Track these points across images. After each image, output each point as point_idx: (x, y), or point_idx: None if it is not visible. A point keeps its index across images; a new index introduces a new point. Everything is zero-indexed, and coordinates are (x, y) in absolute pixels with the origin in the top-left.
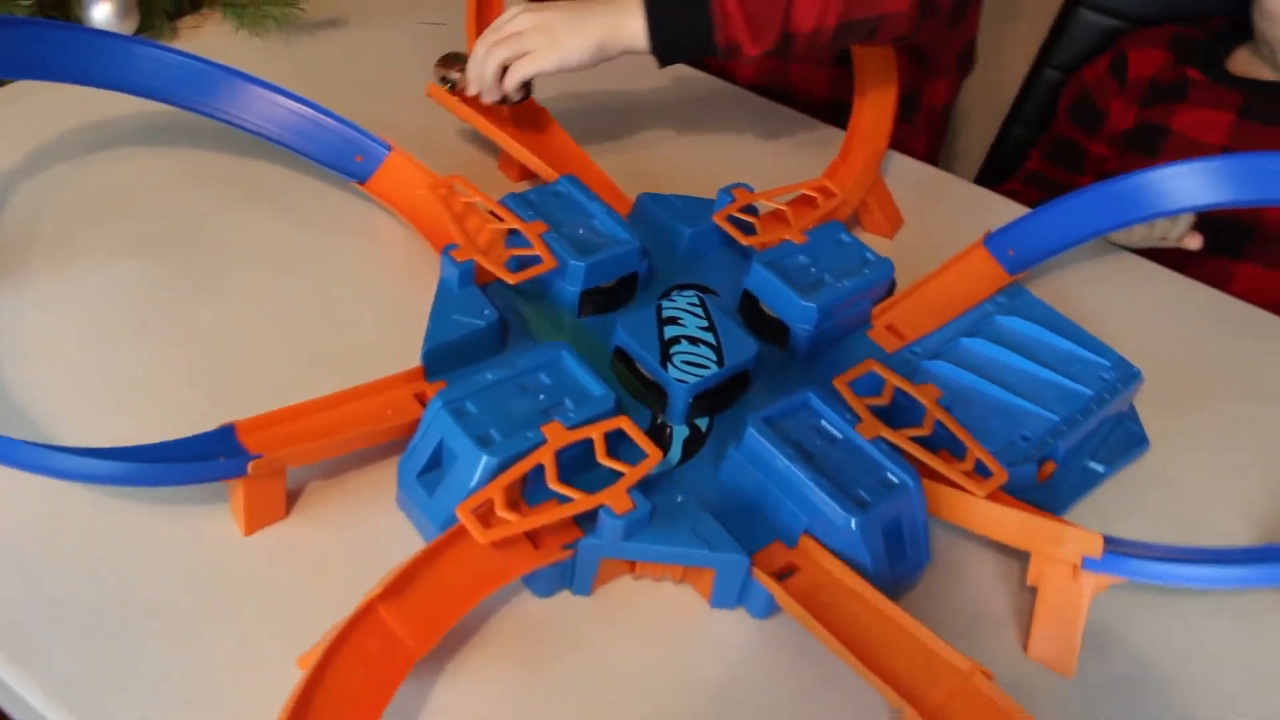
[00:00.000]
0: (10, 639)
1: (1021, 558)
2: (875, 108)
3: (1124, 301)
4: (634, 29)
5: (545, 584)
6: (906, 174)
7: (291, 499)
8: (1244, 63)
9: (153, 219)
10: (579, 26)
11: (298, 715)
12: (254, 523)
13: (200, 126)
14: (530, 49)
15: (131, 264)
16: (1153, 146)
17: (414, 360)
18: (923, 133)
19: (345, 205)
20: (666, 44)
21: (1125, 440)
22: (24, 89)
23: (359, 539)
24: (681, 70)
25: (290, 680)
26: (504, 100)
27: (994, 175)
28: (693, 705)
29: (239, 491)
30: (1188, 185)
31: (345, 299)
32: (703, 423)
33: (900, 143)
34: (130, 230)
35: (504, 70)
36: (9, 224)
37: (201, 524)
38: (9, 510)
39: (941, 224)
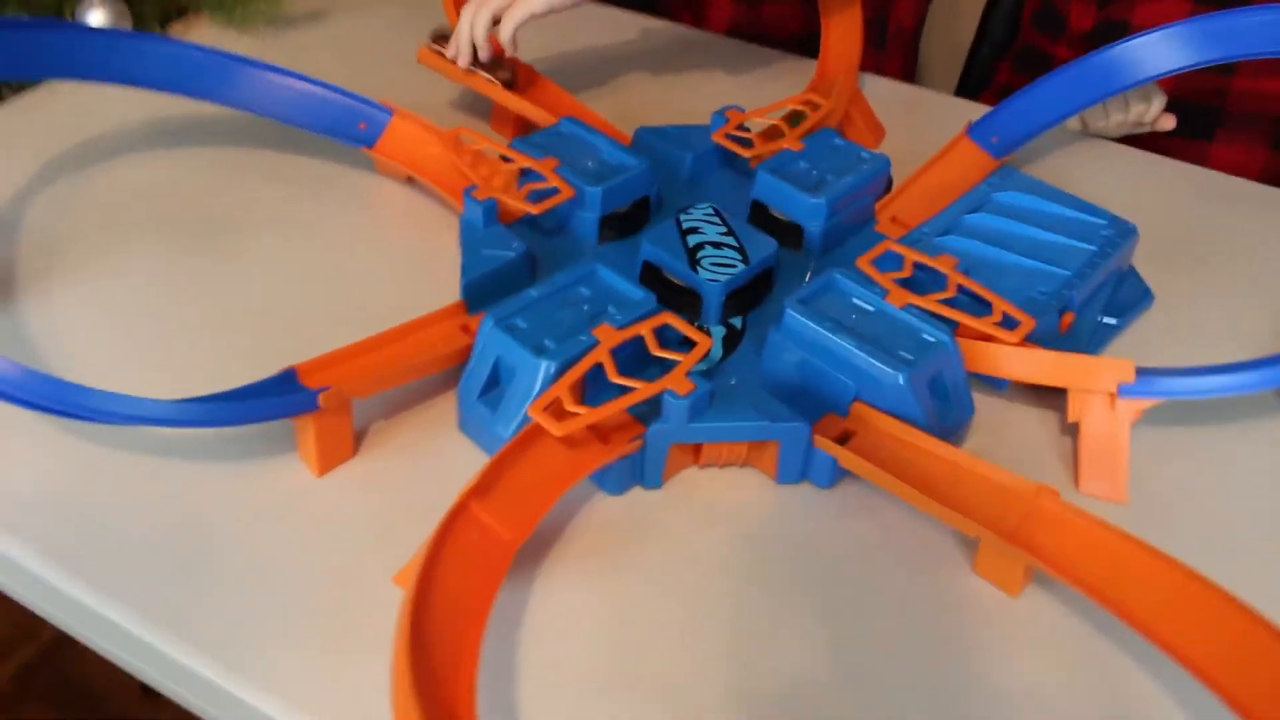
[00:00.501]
0: (106, 574)
1: (1059, 408)
2: (843, 24)
3: (1110, 181)
4: None
5: (617, 481)
6: (884, 93)
7: (356, 441)
8: None
9: (174, 206)
10: None
11: (417, 613)
12: (326, 462)
13: (206, 116)
14: None
15: (159, 249)
16: None
17: (439, 304)
18: (895, 56)
19: (352, 175)
20: None
21: (1131, 295)
22: (38, 99)
23: (428, 467)
24: (655, 22)
25: (385, 598)
26: (497, 66)
27: (967, 94)
28: (772, 577)
29: (309, 432)
30: (1153, 53)
31: (365, 255)
32: (736, 322)
33: (875, 67)
34: (153, 218)
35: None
36: (40, 223)
37: (274, 473)
38: (92, 465)
39: (922, 133)
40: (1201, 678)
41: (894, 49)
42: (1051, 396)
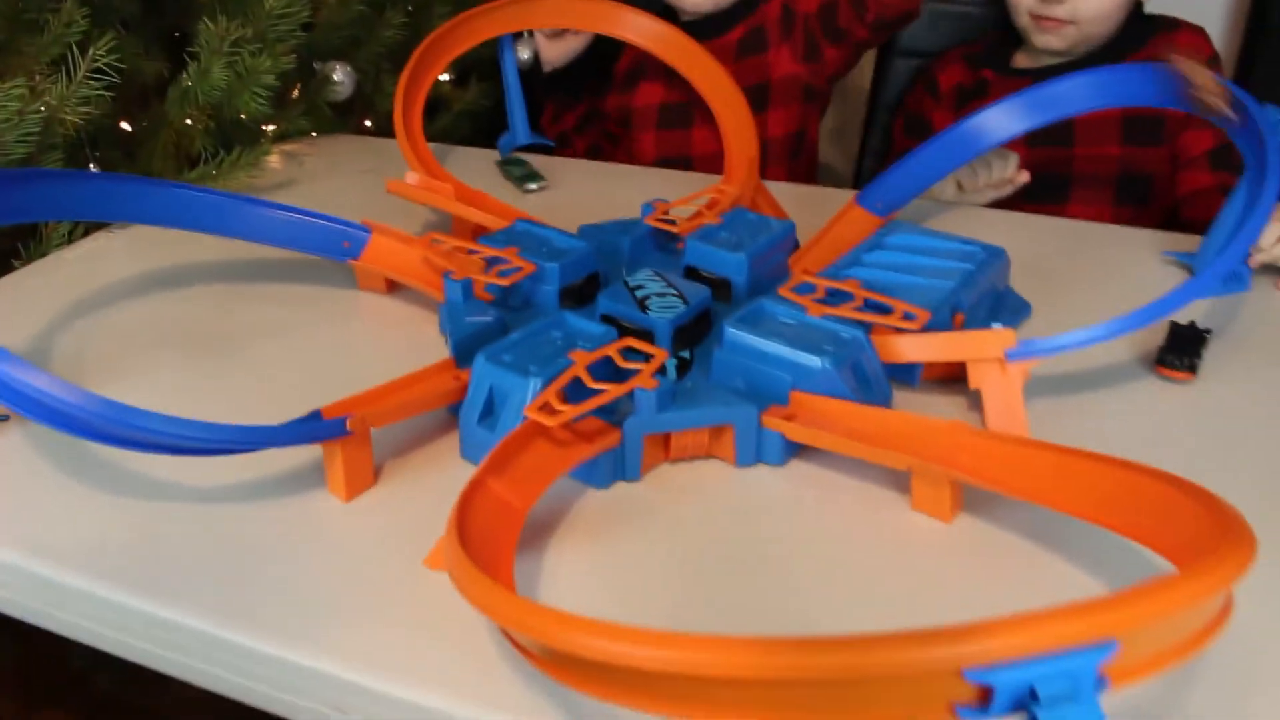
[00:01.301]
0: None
1: (963, 394)
2: (738, 130)
3: (984, 235)
4: None
5: (603, 476)
6: (787, 192)
7: (375, 472)
8: (1023, 58)
9: (187, 326)
10: None
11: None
12: (352, 489)
13: (208, 247)
14: None
15: (176, 361)
16: None
17: None
18: (803, 165)
19: (338, 291)
20: None
21: (1012, 306)
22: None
23: (439, 489)
24: (593, 163)
25: (414, 583)
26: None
27: None
28: (740, 539)
29: (337, 459)
30: (998, 121)
31: (356, 353)
32: (685, 354)
33: (787, 177)
34: (171, 337)
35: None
36: (115, 326)
37: (309, 503)
38: (154, 509)
39: (821, 219)
40: (1100, 523)
41: (804, 157)
42: (955, 387)
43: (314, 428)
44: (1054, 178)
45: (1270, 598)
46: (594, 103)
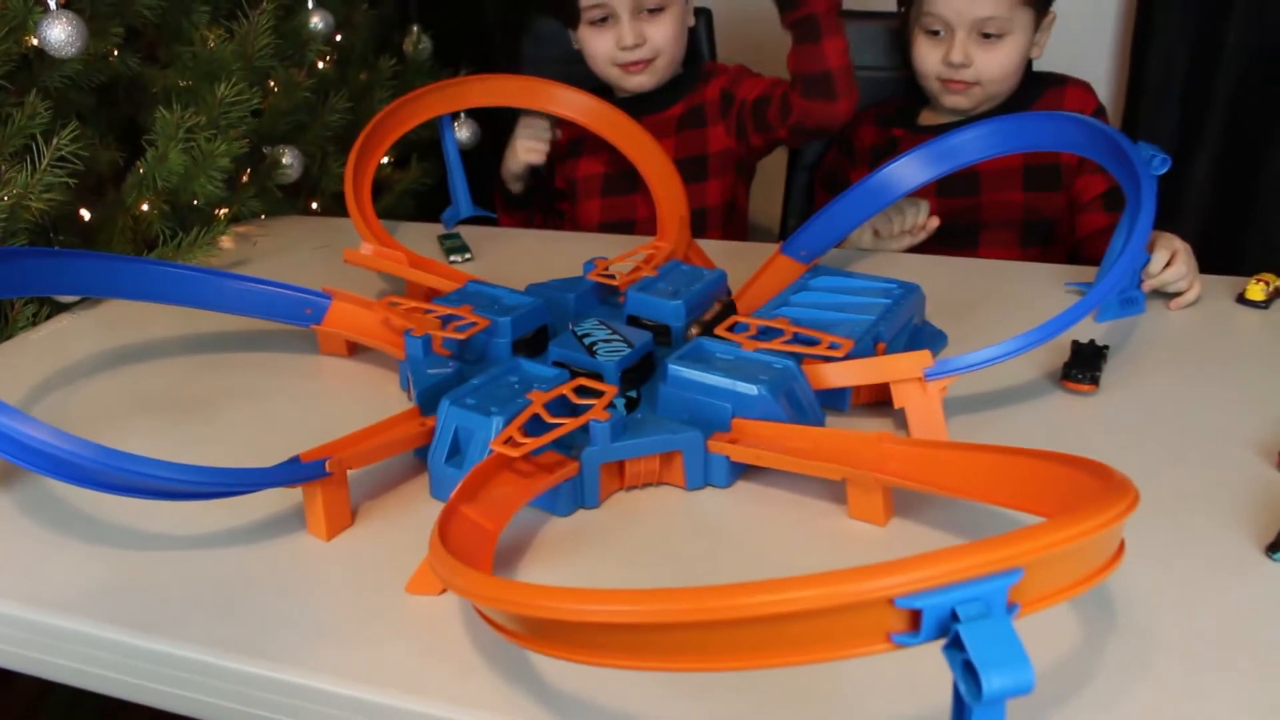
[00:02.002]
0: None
1: (889, 416)
2: (668, 193)
3: (903, 276)
4: None
5: (565, 503)
6: (719, 249)
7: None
8: (929, 116)
9: (167, 384)
10: None
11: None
12: (332, 528)
13: (180, 317)
14: None
15: (154, 424)
16: None
17: None
18: (736, 228)
19: (300, 357)
20: None
21: (930, 337)
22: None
23: (412, 526)
24: (539, 231)
25: (400, 604)
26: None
27: None
28: (692, 553)
29: (317, 500)
30: (905, 172)
31: (320, 410)
32: (632, 394)
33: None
34: (146, 401)
35: None
36: (85, 399)
37: (293, 543)
38: (146, 553)
39: (749, 270)
40: (1015, 507)
41: (737, 222)
42: (882, 409)
43: (296, 469)
44: (964, 225)
45: (1162, 577)
46: (549, 207)
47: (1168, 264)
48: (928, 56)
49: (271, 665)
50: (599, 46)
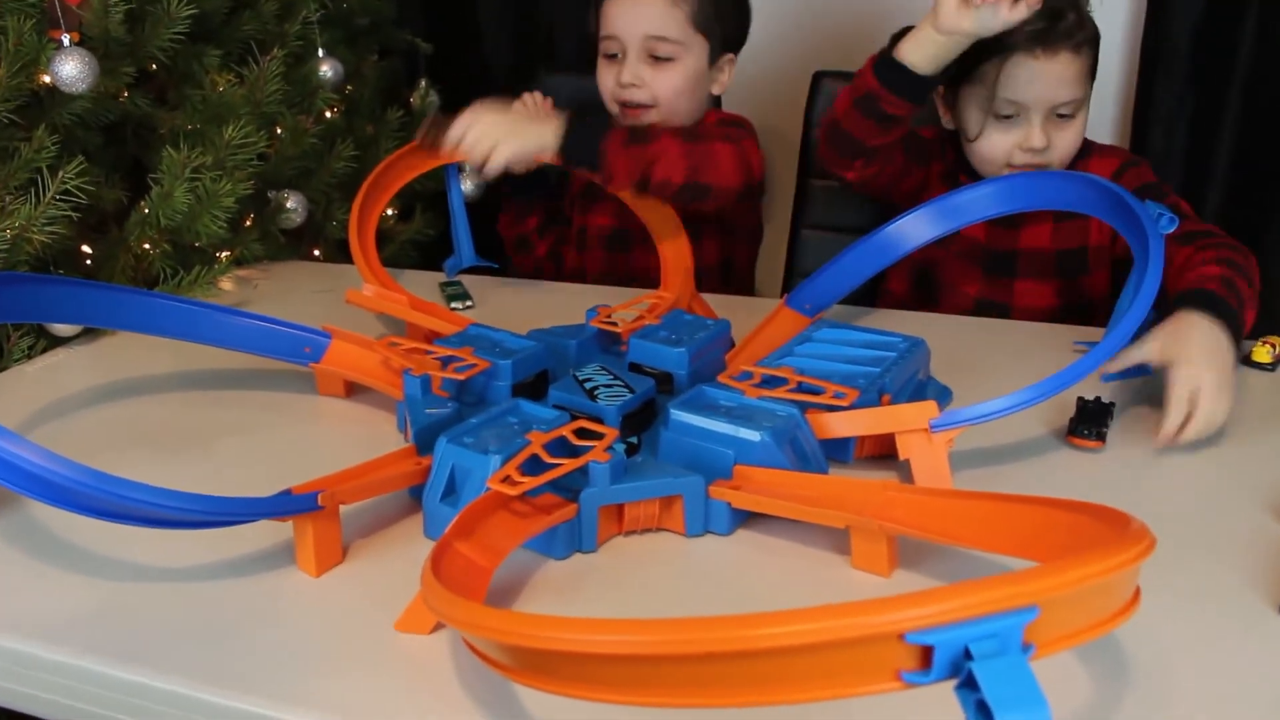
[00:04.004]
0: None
1: (893, 468)
2: (674, 245)
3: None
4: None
5: (562, 546)
6: (723, 304)
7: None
8: None
9: (162, 417)
10: (529, 129)
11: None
12: (322, 564)
13: (177, 357)
14: (495, 143)
15: (151, 457)
16: None
17: None
18: (737, 291)
19: (299, 396)
20: (570, 157)
21: (935, 392)
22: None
23: (404, 565)
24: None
25: (388, 642)
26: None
27: None
28: (690, 601)
29: (308, 534)
30: (912, 228)
31: (316, 448)
32: (633, 439)
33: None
34: (141, 428)
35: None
36: (79, 432)
37: (281, 578)
38: (135, 583)
39: (752, 325)
40: (1023, 556)
41: (735, 283)
42: (886, 462)
43: (288, 501)
44: (1004, 255)
45: (1173, 631)
46: (553, 205)
47: (1184, 424)
48: (998, 143)
49: (256, 700)
50: (605, 80)
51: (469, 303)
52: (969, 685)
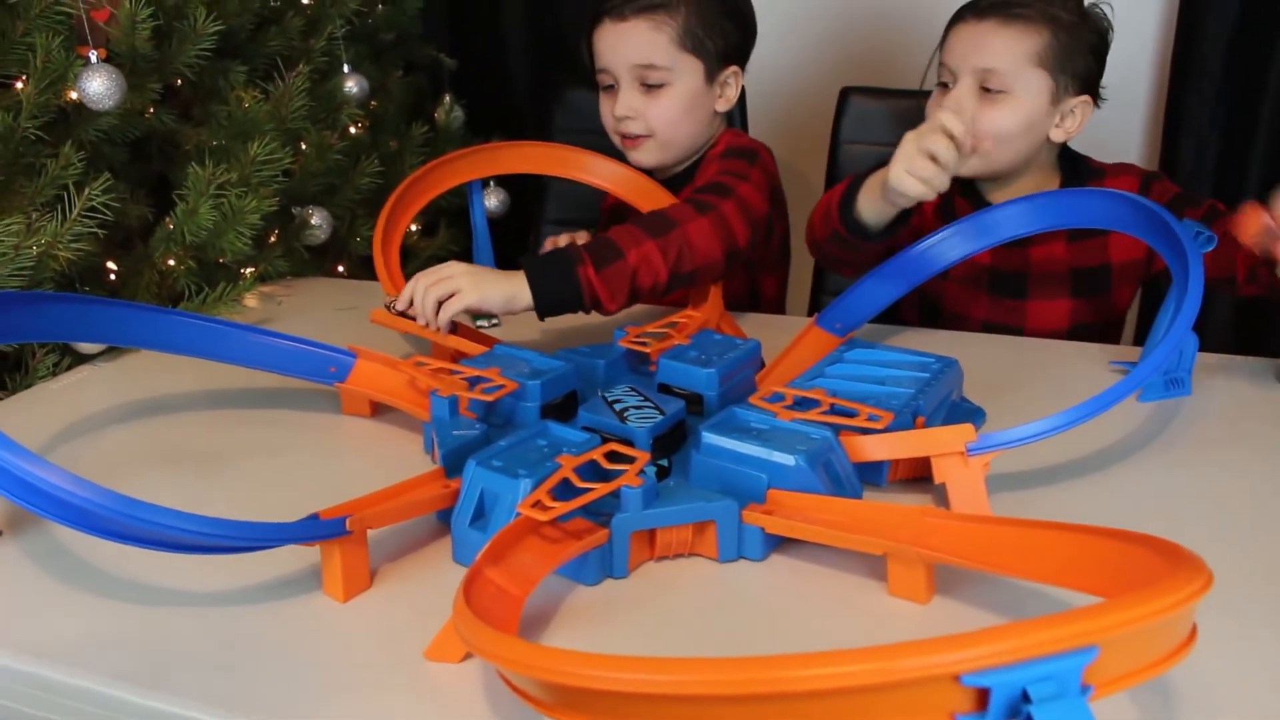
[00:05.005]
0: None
1: (927, 491)
2: None
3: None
4: (527, 296)
5: (593, 572)
6: (752, 324)
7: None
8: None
9: (186, 437)
10: (495, 281)
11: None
12: (350, 590)
13: (201, 376)
14: (458, 289)
15: (171, 478)
16: None
17: None
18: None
19: (323, 416)
20: (547, 307)
21: (968, 414)
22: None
23: (433, 591)
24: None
25: (418, 671)
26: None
27: None
28: (723, 629)
29: (335, 559)
30: (944, 247)
31: (341, 469)
32: (663, 462)
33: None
34: (164, 448)
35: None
36: (103, 450)
37: (305, 604)
38: (157, 610)
39: (782, 345)
40: (1068, 586)
41: (765, 312)
42: (921, 485)
43: (315, 526)
44: (1014, 275)
45: (1221, 658)
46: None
47: None
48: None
49: None
50: (604, 114)
51: (495, 321)
52: None
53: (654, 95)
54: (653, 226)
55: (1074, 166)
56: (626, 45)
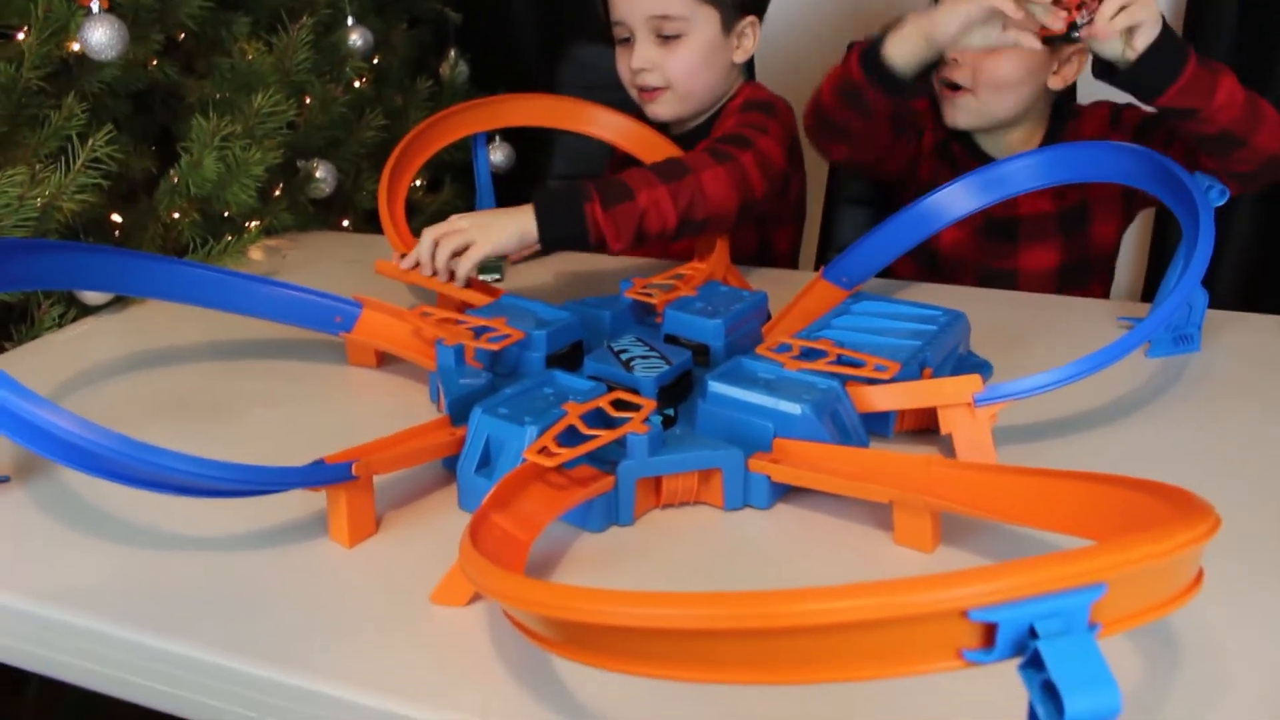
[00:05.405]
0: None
1: (934, 442)
2: None
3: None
4: (535, 229)
5: (598, 519)
6: (758, 278)
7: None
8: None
9: (193, 386)
10: (504, 223)
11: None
12: (355, 535)
13: (207, 327)
14: (470, 241)
15: (175, 423)
16: None
17: None
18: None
19: (327, 366)
20: (553, 240)
21: (975, 366)
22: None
23: (438, 537)
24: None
25: (423, 614)
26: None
27: None
28: (729, 577)
29: (341, 504)
30: (951, 201)
31: (345, 418)
32: (669, 411)
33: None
34: (171, 397)
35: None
36: (109, 400)
37: (311, 549)
38: (165, 553)
39: (788, 298)
40: (1075, 534)
41: (778, 268)
42: (927, 437)
43: (321, 471)
44: (1004, 220)
45: (1225, 606)
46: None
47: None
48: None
49: (288, 671)
50: (621, 67)
51: (497, 276)
52: (1034, 665)
53: (670, 46)
54: (667, 172)
55: (1056, 112)
56: None
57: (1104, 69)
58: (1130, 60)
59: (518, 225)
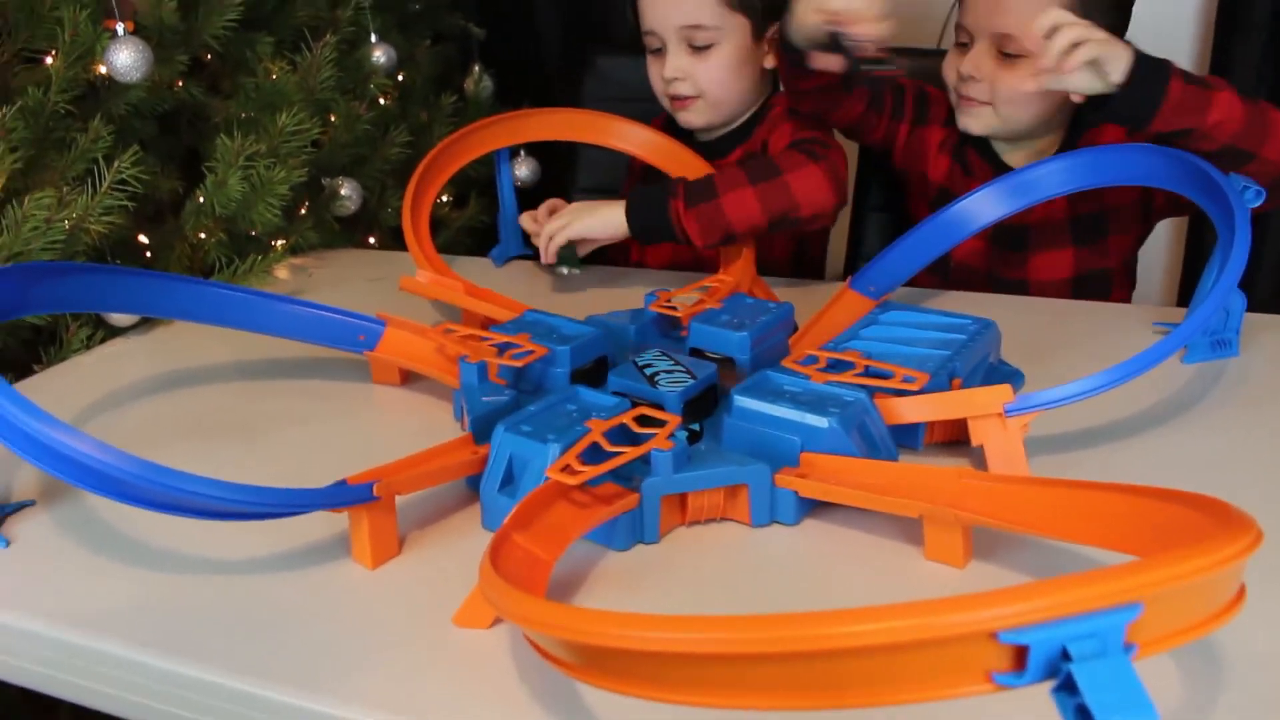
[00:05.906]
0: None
1: (964, 454)
2: None
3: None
4: (623, 218)
5: (623, 537)
6: (784, 289)
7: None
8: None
9: (218, 407)
10: (599, 212)
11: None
12: (378, 557)
13: (232, 347)
14: (567, 223)
15: (199, 444)
16: None
17: None
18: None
19: (352, 385)
20: (641, 231)
21: (1006, 375)
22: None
23: (461, 557)
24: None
25: (446, 637)
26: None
27: None
28: (756, 595)
29: (363, 525)
30: (977, 208)
31: (370, 437)
32: (695, 426)
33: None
34: (195, 418)
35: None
36: (136, 421)
37: (333, 570)
38: (186, 575)
39: (815, 309)
40: (1110, 547)
41: (807, 271)
42: (958, 449)
43: (343, 492)
44: (1015, 228)
45: (1269, 624)
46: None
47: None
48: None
49: (310, 695)
50: (653, 76)
51: (575, 269)
52: (1067, 688)
53: (702, 56)
54: (755, 172)
55: (1075, 120)
56: (672, 6)
57: (1096, 103)
58: (1116, 87)
59: (611, 213)
